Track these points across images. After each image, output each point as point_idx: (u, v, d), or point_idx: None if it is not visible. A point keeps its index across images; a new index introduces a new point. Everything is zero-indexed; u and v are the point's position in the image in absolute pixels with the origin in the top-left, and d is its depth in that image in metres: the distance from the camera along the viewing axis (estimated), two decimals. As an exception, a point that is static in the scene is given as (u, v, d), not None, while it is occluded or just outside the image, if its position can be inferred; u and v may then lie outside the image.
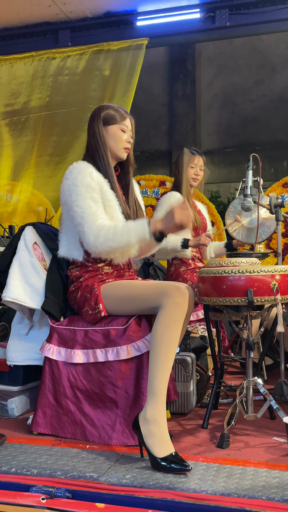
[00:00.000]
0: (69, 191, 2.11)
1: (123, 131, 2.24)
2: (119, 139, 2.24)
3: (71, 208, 2.09)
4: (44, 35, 4.33)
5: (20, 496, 1.57)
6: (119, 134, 2.24)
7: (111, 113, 2.24)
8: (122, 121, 2.24)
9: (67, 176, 2.14)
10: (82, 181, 2.10)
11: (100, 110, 2.26)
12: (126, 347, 2.03)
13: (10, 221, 4.34)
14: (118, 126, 2.24)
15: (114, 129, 2.24)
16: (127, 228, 2.01)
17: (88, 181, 2.10)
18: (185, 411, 2.39)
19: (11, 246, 2.31)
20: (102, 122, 2.23)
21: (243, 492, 1.56)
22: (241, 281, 1.95)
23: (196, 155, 3.24)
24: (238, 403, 2.04)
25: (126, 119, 2.26)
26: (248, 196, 2.53)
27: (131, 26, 4.08)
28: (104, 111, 2.25)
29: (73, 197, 2.09)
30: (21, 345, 2.32)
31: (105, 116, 2.24)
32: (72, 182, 2.11)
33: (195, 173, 3.24)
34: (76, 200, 2.08)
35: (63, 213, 2.21)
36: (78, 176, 2.11)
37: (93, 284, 2.12)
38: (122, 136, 2.24)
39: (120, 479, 1.66)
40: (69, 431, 2.08)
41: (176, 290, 1.92)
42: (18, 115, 4.58)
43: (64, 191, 2.14)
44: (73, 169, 2.14)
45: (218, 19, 3.89)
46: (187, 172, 3.22)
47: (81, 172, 2.12)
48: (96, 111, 2.27)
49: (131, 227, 2.01)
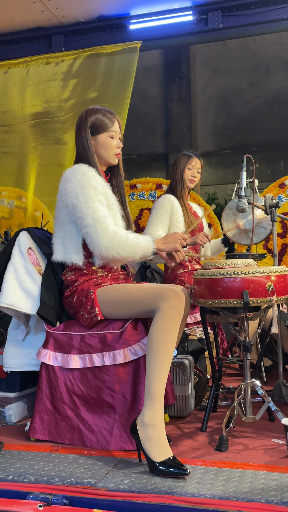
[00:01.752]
0: (75, 193, 2.08)
1: (112, 137, 2.23)
2: (109, 146, 2.23)
3: (80, 210, 2.07)
4: (38, 40, 4.34)
5: (17, 504, 1.56)
6: (108, 142, 2.23)
7: (99, 119, 2.21)
8: (111, 127, 2.22)
9: (70, 179, 2.12)
10: (89, 184, 2.09)
11: (86, 116, 2.22)
12: (122, 351, 2.01)
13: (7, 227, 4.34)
14: (107, 134, 2.22)
15: (103, 138, 2.22)
16: (137, 241, 2.07)
17: (94, 184, 2.10)
18: (183, 414, 2.38)
19: (6, 252, 2.30)
20: (90, 131, 2.21)
21: (242, 495, 1.54)
22: (237, 282, 1.94)
23: (194, 157, 3.24)
24: (237, 406, 2.02)
25: (114, 123, 2.23)
26: (242, 197, 2.53)
27: (124, 29, 4.09)
28: (90, 117, 2.21)
29: (80, 199, 2.07)
30: (18, 351, 2.31)
31: (92, 123, 2.21)
32: (78, 184, 2.09)
33: (192, 174, 3.24)
34: (85, 201, 2.06)
35: (60, 216, 2.18)
36: (83, 178, 2.10)
37: (88, 288, 2.11)
38: (112, 143, 2.23)
39: (118, 485, 1.65)
40: (67, 436, 2.07)
41: (172, 293, 1.91)
42: (17, 123, 4.58)
43: (69, 193, 2.10)
44: (77, 172, 2.12)
45: (211, 21, 3.90)
46: (184, 174, 3.22)
47: (86, 174, 2.11)
48: (83, 117, 2.23)
49: (139, 241, 2.07)
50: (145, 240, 2.08)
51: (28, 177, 4.52)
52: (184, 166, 3.22)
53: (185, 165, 3.22)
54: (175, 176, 3.26)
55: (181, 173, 3.23)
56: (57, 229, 2.21)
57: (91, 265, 2.17)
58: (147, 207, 4.95)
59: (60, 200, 2.16)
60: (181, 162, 3.24)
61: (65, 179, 2.14)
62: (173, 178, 3.28)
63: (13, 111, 4.62)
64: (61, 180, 2.16)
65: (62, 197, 2.14)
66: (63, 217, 2.16)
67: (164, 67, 7.72)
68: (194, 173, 3.24)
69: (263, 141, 7.16)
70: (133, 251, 2.05)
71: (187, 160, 3.23)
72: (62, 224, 2.18)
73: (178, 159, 3.26)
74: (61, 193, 2.15)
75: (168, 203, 3.15)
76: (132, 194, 4.96)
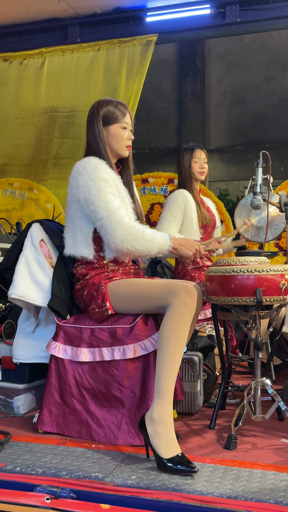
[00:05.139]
0: (87, 187, 2.07)
1: (124, 128, 2.22)
2: (121, 138, 2.21)
3: (93, 203, 2.05)
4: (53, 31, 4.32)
5: (24, 495, 1.56)
6: (120, 133, 2.21)
7: (110, 111, 2.20)
8: (122, 118, 2.21)
9: (80, 172, 2.10)
10: (100, 176, 2.07)
11: (98, 108, 2.21)
12: (132, 346, 2.00)
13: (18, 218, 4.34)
14: (119, 125, 2.21)
15: (115, 129, 2.21)
16: (154, 236, 2.05)
17: (105, 177, 2.09)
18: (191, 411, 2.37)
19: (18, 243, 2.29)
20: (102, 122, 2.20)
21: (251, 495, 1.53)
22: (250, 280, 1.92)
23: (197, 148, 3.19)
24: (246, 404, 2.01)
25: (126, 115, 2.22)
26: (257, 194, 2.50)
27: (141, 22, 4.06)
28: (102, 108, 2.20)
29: (93, 192, 2.06)
30: (27, 343, 2.31)
31: (104, 114, 2.20)
32: (89, 177, 2.08)
33: (200, 166, 3.19)
34: (97, 194, 2.05)
35: (71, 209, 2.17)
36: (94, 171, 2.08)
37: (100, 282, 2.10)
38: (123, 135, 2.22)
39: (126, 480, 1.64)
40: (75, 430, 2.06)
41: (185, 290, 1.90)
42: (31, 114, 4.56)
43: (80, 187, 2.08)
44: (87, 165, 2.10)
45: (228, 15, 3.86)
46: (192, 168, 3.16)
47: (96, 167, 2.09)
48: (95, 108, 2.22)
49: (156, 237, 2.06)
50: (162, 237, 2.07)
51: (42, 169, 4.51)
52: (189, 161, 3.16)
53: (190, 159, 3.16)
54: (183, 172, 3.19)
55: (188, 168, 3.17)
56: (67, 223, 2.20)
57: (102, 258, 2.16)
58: (159, 202, 4.93)
59: (71, 194, 2.14)
60: (185, 158, 3.17)
61: (75, 172, 2.12)
62: (181, 175, 3.22)
63: (28, 102, 4.61)
64: (71, 174, 2.14)
65: (72, 191, 2.13)
66: (73, 211, 2.15)
67: (178, 61, 7.67)
68: (201, 165, 3.18)
69: (277, 138, 7.10)
70: (148, 246, 2.04)
71: (191, 153, 3.17)
72: (73, 218, 2.16)
73: (181, 156, 3.19)
74: (72, 187, 2.13)
75: (182, 198, 3.11)
76: (144, 188, 4.93)
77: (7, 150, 4.68)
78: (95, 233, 2.13)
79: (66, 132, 4.48)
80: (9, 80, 4.64)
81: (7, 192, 4.73)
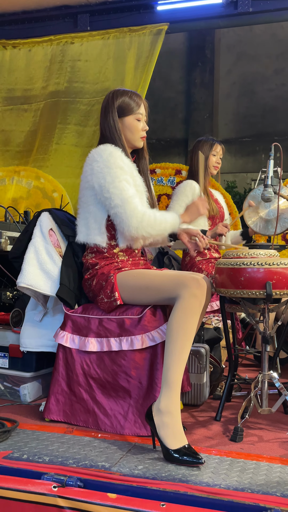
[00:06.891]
0: (102, 174, 2.06)
1: (139, 120, 2.20)
2: (136, 129, 2.20)
3: (107, 190, 2.05)
4: (63, 19, 4.28)
5: (31, 483, 1.56)
6: (135, 125, 2.20)
7: (125, 102, 2.18)
8: (137, 109, 2.19)
9: (96, 159, 2.09)
10: (115, 163, 2.07)
11: (113, 98, 2.19)
12: (140, 337, 2.00)
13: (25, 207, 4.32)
14: (134, 117, 2.19)
15: (130, 120, 2.19)
16: (164, 217, 2.10)
17: (120, 164, 2.08)
18: (197, 402, 2.37)
19: (27, 232, 2.29)
20: (117, 113, 2.18)
21: (257, 487, 1.53)
22: (260, 273, 1.91)
23: (217, 143, 3.19)
24: (253, 397, 2.01)
25: (141, 106, 2.20)
26: (268, 186, 2.48)
27: (151, 10, 4.02)
28: (117, 99, 2.18)
29: (108, 179, 2.05)
30: (35, 332, 2.31)
31: (119, 105, 2.18)
32: (104, 164, 2.07)
33: (216, 161, 3.18)
34: (112, 182, 2.04)
35: (84, 196, 2.15)
36: (110, 158, 2.07)
37: (109, 272, 2.09)
38: (138, 126, 2.20)
39: (132, 470, 1.65)
40: (82, 419, 2.07)
41: (194, 282, 1.89)
42: (37, 101, 4.53)
43: (95, 173, 2.07)
44: (103, 152, 2.09)
45: (240, 5, 3.81)
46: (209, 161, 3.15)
47: (112, 154, 2.08)
48: (109, 99, 2.20)
49: (166, 218, 2.11)
50: (171, 216, 2.13)
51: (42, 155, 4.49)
52: (208, 153, 3.15)
53: (209, 152, 3.15)
54: (195, 165, 3.18)
55: (200, 171, 3.16)
56: (80, 210, 2.19)
57: (113, 247, 2.15)
58: (166, 193, 4.91)
59: (85, 181, 2.13)
60: (204, 149, 3.17)
61: (90, 159, 2.11)
62: (195, 165, 3.20)
63: (35, 89, 4.58)
64: (86, 160, 2.13)
65: (87, 178, 2.12)
66: (87, 198, 2.14)
67: (187, 51, 7.60)
68: (218, 160, 3.18)
69: (286, 130, 7.04)
70: (162, 228, 2.09)
71: (211, 147, 3.17)
72: (87, 205, 2.15)
73: (200, 146, 3.18)
74: (86, 173, 2.12)
75: (190, 189, 3.10)
76: (151, 179, 4.91)
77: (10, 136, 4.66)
78: (108, 220, 2.12)
79: (71, 118, 4.45)
80: (17, 67, 4.61)
81: (14, 180, 4.71)
